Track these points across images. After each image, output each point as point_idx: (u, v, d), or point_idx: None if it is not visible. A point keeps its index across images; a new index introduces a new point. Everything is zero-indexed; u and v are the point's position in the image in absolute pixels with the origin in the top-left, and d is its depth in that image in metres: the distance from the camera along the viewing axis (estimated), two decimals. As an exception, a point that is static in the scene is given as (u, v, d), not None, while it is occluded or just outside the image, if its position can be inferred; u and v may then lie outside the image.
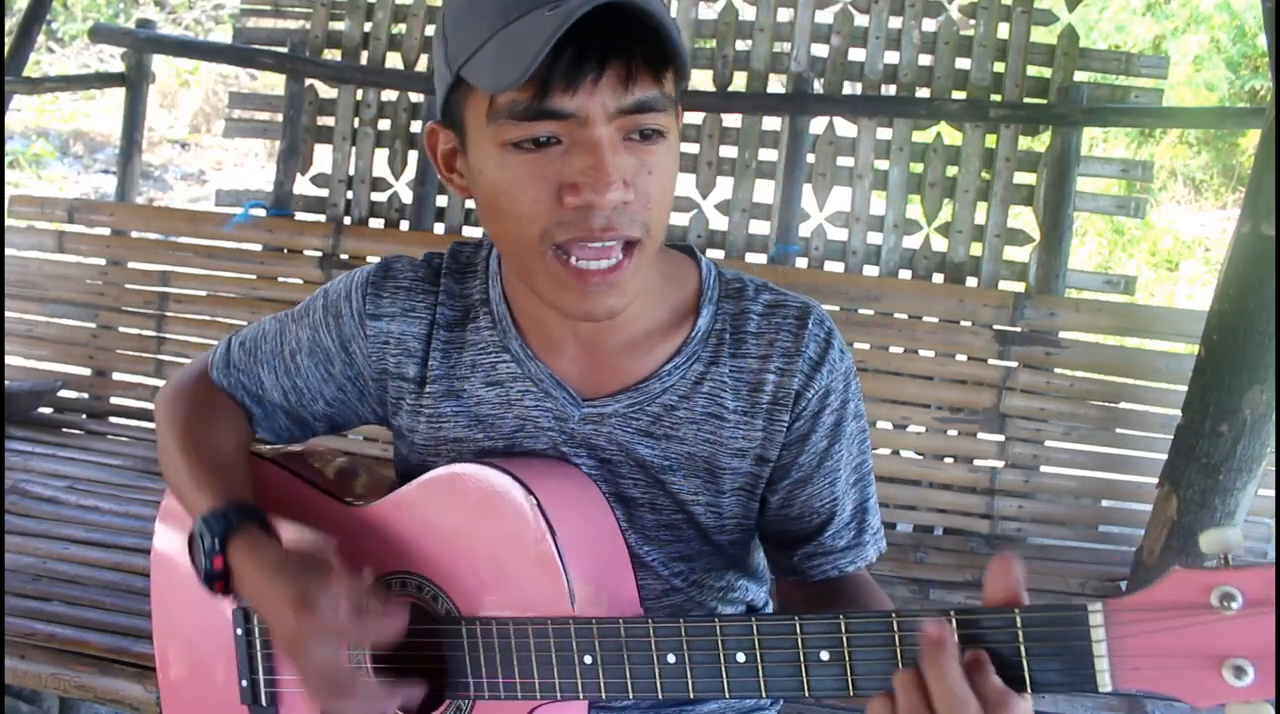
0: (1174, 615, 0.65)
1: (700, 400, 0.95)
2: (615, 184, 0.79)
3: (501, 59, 0.76)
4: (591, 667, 0.85)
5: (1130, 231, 6.26)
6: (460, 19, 0.81)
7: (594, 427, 0.96)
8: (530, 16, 0.76)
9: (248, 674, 1.02)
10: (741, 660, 0.79)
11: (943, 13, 2.69)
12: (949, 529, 2.48)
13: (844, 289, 2.48)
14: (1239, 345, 1.89)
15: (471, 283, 1.00)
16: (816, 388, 0.95)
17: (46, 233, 2.80)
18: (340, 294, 1.01)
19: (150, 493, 2.36)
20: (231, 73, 7.22)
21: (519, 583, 0.88)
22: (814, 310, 0.97)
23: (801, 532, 1.00)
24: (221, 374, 1.06)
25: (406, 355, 0.99)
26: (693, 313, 0.96)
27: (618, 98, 0.78)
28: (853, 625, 0.75)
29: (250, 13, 3.05)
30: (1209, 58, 6.64)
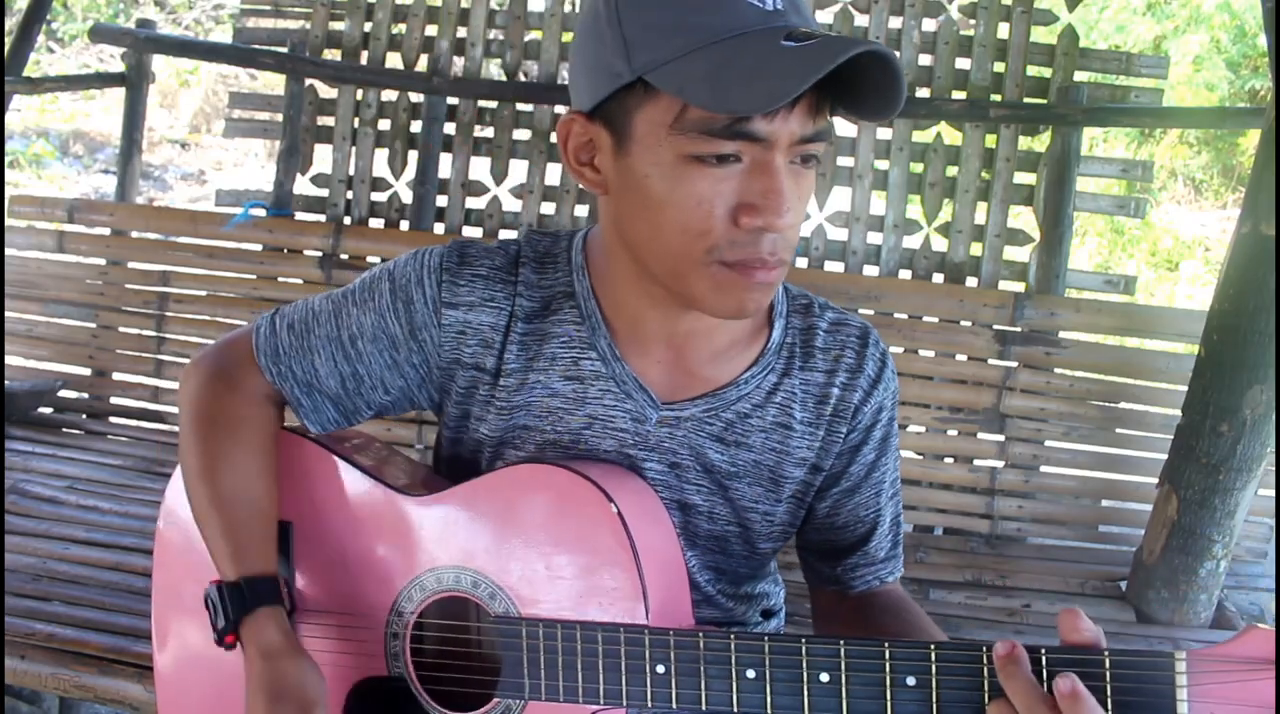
0: (1248, 669, 0.70)
1: (772, 410, 0.98)
2: (790, 209, 0.81)
3: (728, 79, 0.76)
4: (664, 677, 0.85)
5: (1130, 231, 6.27)
6: (646, 20, 0.80)
7: (669, 430, 0.97)
8: (759, 40, 0.77)
9: None
10: (825, 681, 0.80)
11: (943, 13, 2.69)
12: (949, 529, 2.48)
13: (844, 289, 2.48)
14: (1239, 345, 1.89)
15: (552, 274, 0.99)
16: (873, 403, 1.01)
17: (46, 233, 2.80)
18: (410, 278, 0.97)
19: (150, 493, 2.36)
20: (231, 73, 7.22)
21: (592, 587, 0.88)
22: (873, 331, 1.03)
23: (845, 541, 1.04)
24: (269, 362, 1.01)
25: (484, 346, 0.97)
26: (766, 325, 0.99)
27: (804, 126, 0.80)
28: (942, 654, 0.77)
29: (250, 13, 3.05)
30: (1209, 58, 6.64)
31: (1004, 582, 2.24)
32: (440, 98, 2.81)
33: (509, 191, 2.83)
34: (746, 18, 0.78)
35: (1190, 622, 2.06)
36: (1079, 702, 0.71)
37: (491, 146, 2.82)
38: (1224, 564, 2.03)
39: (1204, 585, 2.04)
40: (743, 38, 0.77)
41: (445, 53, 2.82)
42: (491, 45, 2.85)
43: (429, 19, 2.84)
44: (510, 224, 2.81)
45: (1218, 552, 2.00)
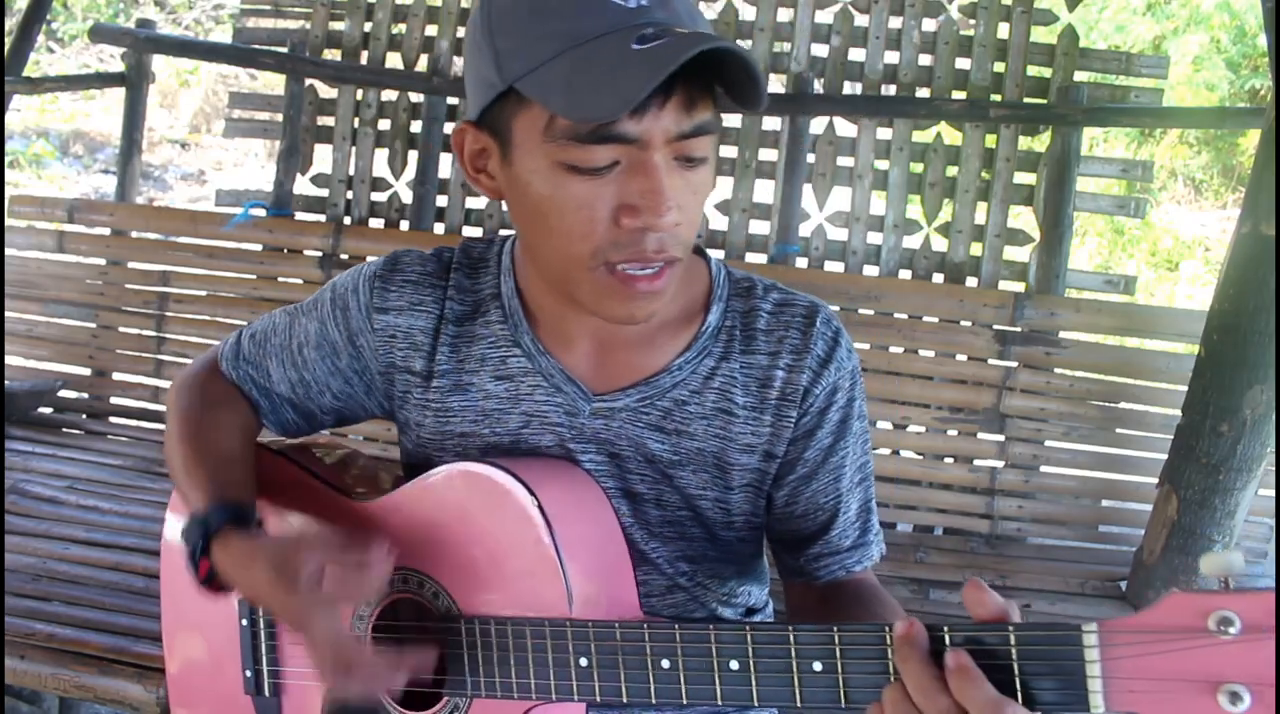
0: (1170, 638, 0.64)
1: (711, 395, 0.96)
2: (672, 208, 0.81)
3: (582, 86, 0.76)
4: (587, 669, 0.85)
5: (1130, 231, 6.26)
6: (513, 28, 0.80)
7: (604, 421, 0.96)
8: (611, 42, 0.76)
9: (251, 665, 1.03)
10: (735, 668, 0.79)
11: (943, 13, 2.69)
12: (949, 529, 2.48)
13: (844, 289, 2.48)
14: (1239, 345, 1.89)
15: (483, 278, 1.00)
16: (824, 385, 0.96)
17: (46, 233, 2.80)
18: (348, 287, 1.01)
19: (150, 493, 2.36)
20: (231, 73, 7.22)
21: (518, 583, 0.89)
22: (821, 310, 0.98)
23: (807, 530, 1.01)
24: (230, 366, 1.07)
25: (413, 349, 0.99)
26: (703, 310, 0.98)
27: (679, 123, 0.79)
28: (846, 636, 0.75)
29: (250, 13, 3.06)
30: (1209, 58, 6.64)
31: (1004, 582, 2.24)
32: (440, 98, 2.81)
33: (509, 191, 2.82)
34: (606, 19, 0.77)
35: (1190, 622, 2.06)
36: (967, 677, 0.68)
37: (491, 146, 2.82)
38: (1224, 564, 2.03)
39: (1204, 586, 2.03)
40: (600, 40, 0.77)
41: (445, 53, 2.82)
42: (491, 45, 2.84)
43: (429, 19, 2.84)
44: (510, 224, 2.81)
45: (1218, 552, 2.00)
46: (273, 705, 1.03)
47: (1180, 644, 0.64)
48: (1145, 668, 0.65)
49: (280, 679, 1.02)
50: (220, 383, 1.07)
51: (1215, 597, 0.64)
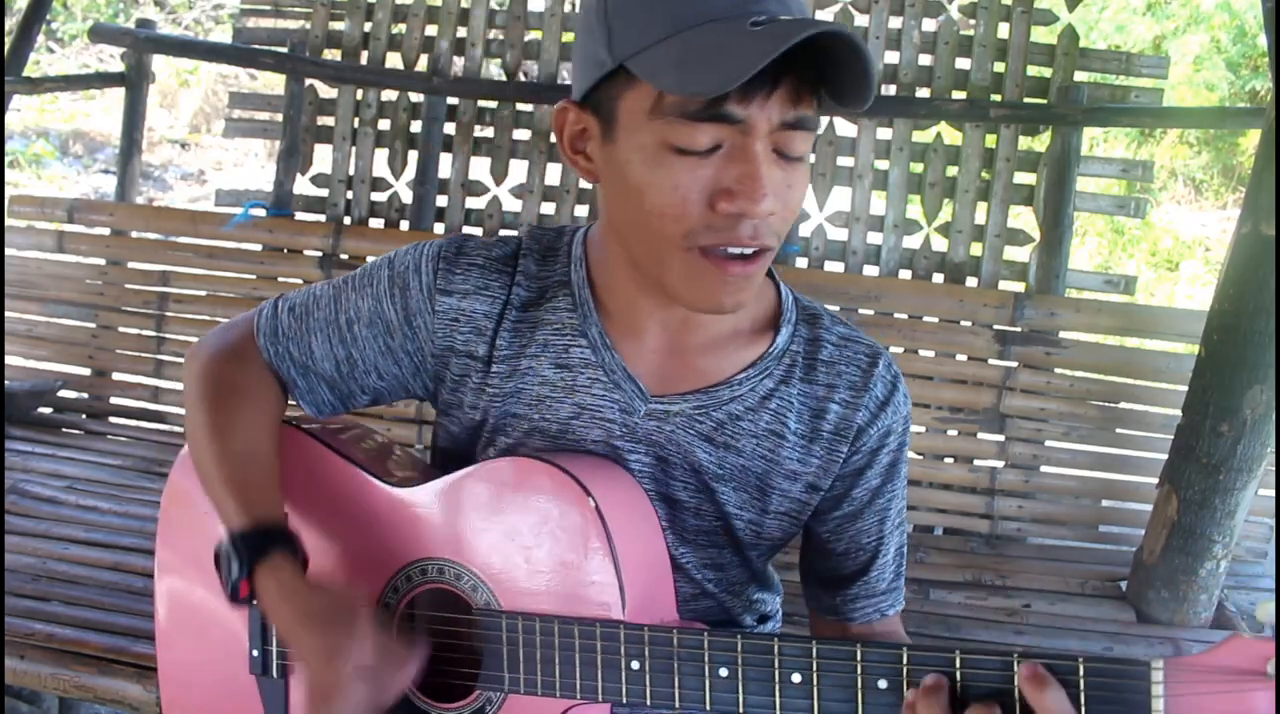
0: (1230, 680, 0.67)
1: (765, 416, 0.96)
2: (769, 195, 0.81)
3: (693, 63, 0.77)
4: (638, 673, 0.85)
5: (1130, 231, 6.27)
6: (630, 9, 0.81)
7: (657, 423, 0.96)
8: (727, 25, 0.77)
9: (260, 644, 1.02)
10: (797, 681, 0.80)
11: (943, 13, 2.69)
12: (949, 529, 2.48)
13: (844, 289, 2.48)
14: (1239, 345, 1.89)
15: (552, 265, 0.99)
16: (879, 426, 0.98)
17: (46, 233, 2.80)
18: (408, 266, 0.98)
19: (150, 493, 2.36)
20: (231, 73, 7.22)
21: (568, 582, 0.88)
22: (883, 354, 1.00)
23: (845, 569, 1.02)
24: (268, 342, 1.03)
25: (476, 334, 0.98)
26: (770, 329, 0.98)
27: (784, 112, 0.80)
28: (914, 657, 0.76)
29: (250, 13, 3.05)
30: (1209, 58, 6.64)
31: (1004, 582, 2.24)
32: (440, 98, 2.81)
33: (509, 191, 2.83)
34: (724, 3, 0.78)
35: (1190, 622, 2.06)
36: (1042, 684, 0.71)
37: (491, 146, 2.82)
38: (1224, 564, 2.03)
39: (1204, 585, 2.03)
40: (715, 23, 0.78)
41: (445, 53, 2.82)
42: (491, 45, 2.85)
43: (429, 19, 2.84)
44: (510, 224, 2.82)
45: (1218, 552, 2.00)
46: (279, 686, 1.01)
47: (1238, 686, 0.67)
48: (1206, 706, 0.68)
49: (289, 660, 1.01)
50: (253, 365, 1.03)
51: (1272, 642, 0.67)
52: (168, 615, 1.10)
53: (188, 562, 1.08)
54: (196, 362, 1.04)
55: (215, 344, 1.05)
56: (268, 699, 1.02)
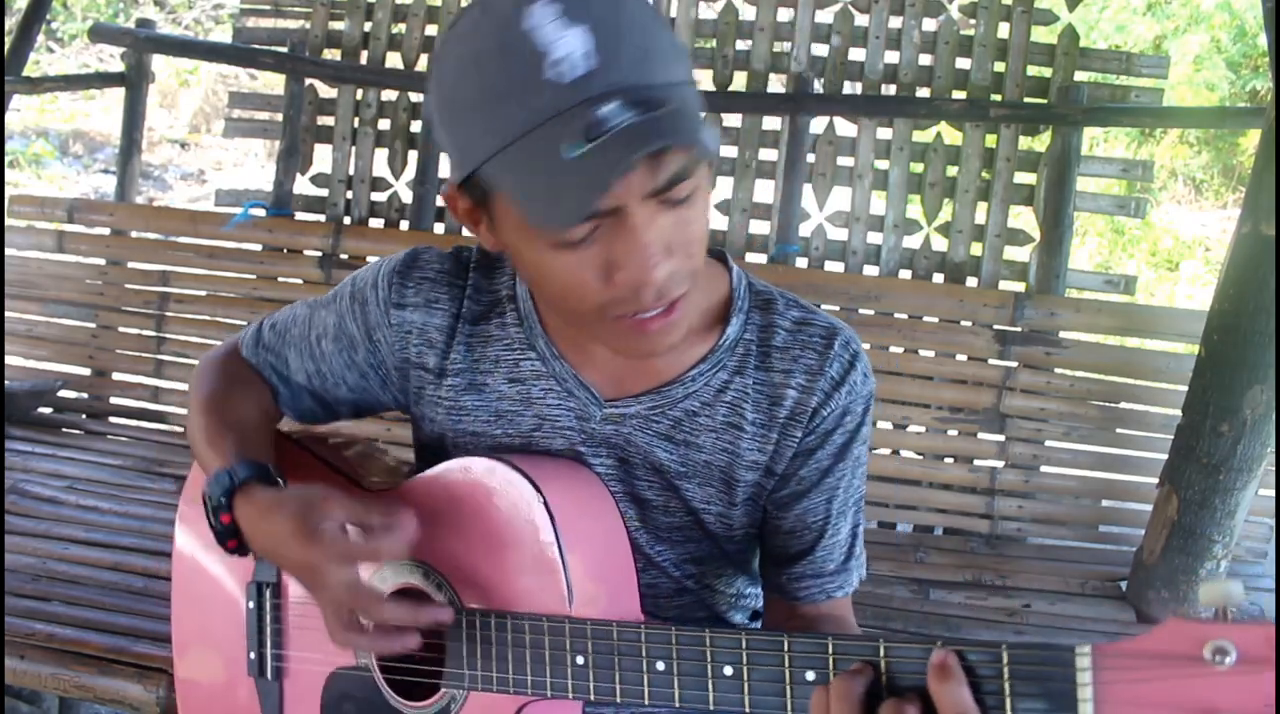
0: (1164, 665, 0.63)
1: (722, 409, 0.96)
2: (660, 261, 0.79)
3: (532, 192, 0.75)
4: (583, 668, 0.85)
5: (1130, 231, 6.26)
6: (461, 118, 0.78)
7: (614, 427, 0.97)
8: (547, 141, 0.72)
9: (255, 647, 1.04)
10: (728, 674, 0.79)
11: (943, 12, 2.69)
12: (949, 529, 2.48)
13: (844, 289, 2.48)
14: (1239, 345, 1.89)
15: (499, 278, 1.00)
16: (834, 406, 0.96)
17: (46, 233, 2.80)
18: (367, 282, 1.01)
19: (150, 493, 2.36)
20: (231, 73, 7.21)
21: (520, 579, 0.89)
22: (841, 332, 0.97)
23: (792, 548, 1.01)
24: (251, 352, 1.08)
25: (428, 346, 0.99)
26: (721, 321, 0.96)
27: (649, 183, 0.76)
28: (839, 647, 0.75)
29: (250, 13, 3.05)
30: (1209, 58, 6.64)
31: (1004, 582, 2.24)
32: (440, 98, 2.81)
33: (509, 191, 2.83)
34: (545, 102, 0.73)
35: (1190, 622, 2.06)
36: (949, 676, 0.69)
37: (491, 146, 2.82)
38: (1224, 564, 2.03)
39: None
40: (541, 132, 0.73)
41: (445, 53, 2.81)
42: (491, 45, 2.84)
43: (429, 19, 2.84)
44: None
45: (1218, 552, 2.00)
46: (274, 688, 1.04)
47: (1175, 672, 0.63)
48: (1138, 694, 0.64)
49: (283, 663, 1.03)
50: (240, 365, 1.08)
51: (1213, 626, 0.63)
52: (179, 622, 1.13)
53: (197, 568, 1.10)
54: (193, 377, 1.09)
55: (208, 358, 1.11)
56: (265, 701, 1.04)
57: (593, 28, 0.73)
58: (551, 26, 0.72)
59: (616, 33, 0.74)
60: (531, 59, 0.72)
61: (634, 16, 0.75)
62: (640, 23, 0.75)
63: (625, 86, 0.73)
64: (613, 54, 0.73)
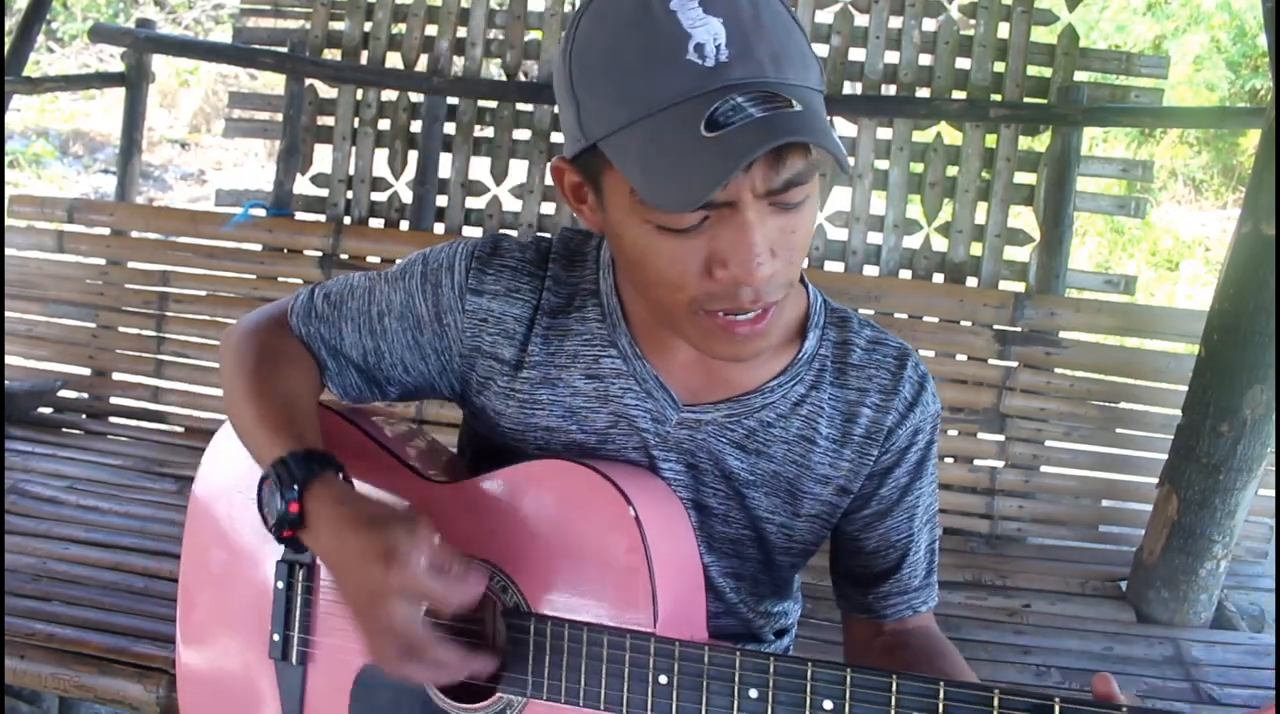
0: None
1: (797, 422, 0.97)
2: (764, 261, 0.78)
3: (655, 170, 0.75)
4: (665, 688, 0.84)
5: (1130, 231, 6.26)
6: (592, 86, 0.78)
7: (689, 432, 0.96)
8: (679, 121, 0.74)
9: (281, 629, 1.00)
10: (828, 709, 0.79)
11: (943, 13, 2.69)
12: (949, 529, 2.48)
13: (844, 289, 2.48)
14: (1239, 345, 1.89)
15: (580, 271, 0.99)
16: (908, 426, 0.98)
17: (46, 233, 2.80)
18: (442, 263, 0.98)
19: (150, 493, 2.36)
20: (231, 73, 7.22)
21: (601, 590, 0.87)
22: (911, 354, 1.01)
23: (878, 568, 1.03)
24: (301, 321, 1.03)
25: (504, 336, 0.97)
26: (799, 335, 0.97)
27: (768, 181, 0.76)
28: (951, 694, 0.75)
29: (250, 13, 3.06)
30: (1209, 58, 6.64)
31: (1004, 582, 2.24)
32: (440, 98, 2.81)
33: (509, 191, 2.83)
34: (681, 81, 0.74)
35: (1190, 622, 2.06)
36: None
37: (491, 146, 2.82)
38: (1224, 564, 2.03)
39: (1204, 585, 2.04)
40: (674, 111, 0.74)
41: (445, 53, 2.82)
42: (491, 45, 2.85)
43: (429, 19, 2.84)
44: (510, 224, 2.82)
45: (1218, 552, 2.00)
46: (297, 673, 1.00)
47: None
48: None
49: (310, 648, 1.00)
50: (286, 337, 1.02)
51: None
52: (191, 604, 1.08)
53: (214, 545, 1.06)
54: (232, 338, 1.03)
55: (250, 322, 1.04)
56: (284, 686, 1.01)
57: (731, 20, 0.75)
58: (694, 13, 0.75)
59: (756, 28, 0.76)
60: (676, 38, 0.74)
61: (771, 17, 0.77)
62: (776, 24, 0.77)
63: (762, 80, 0.75)
64: (750, 48, 0.75)
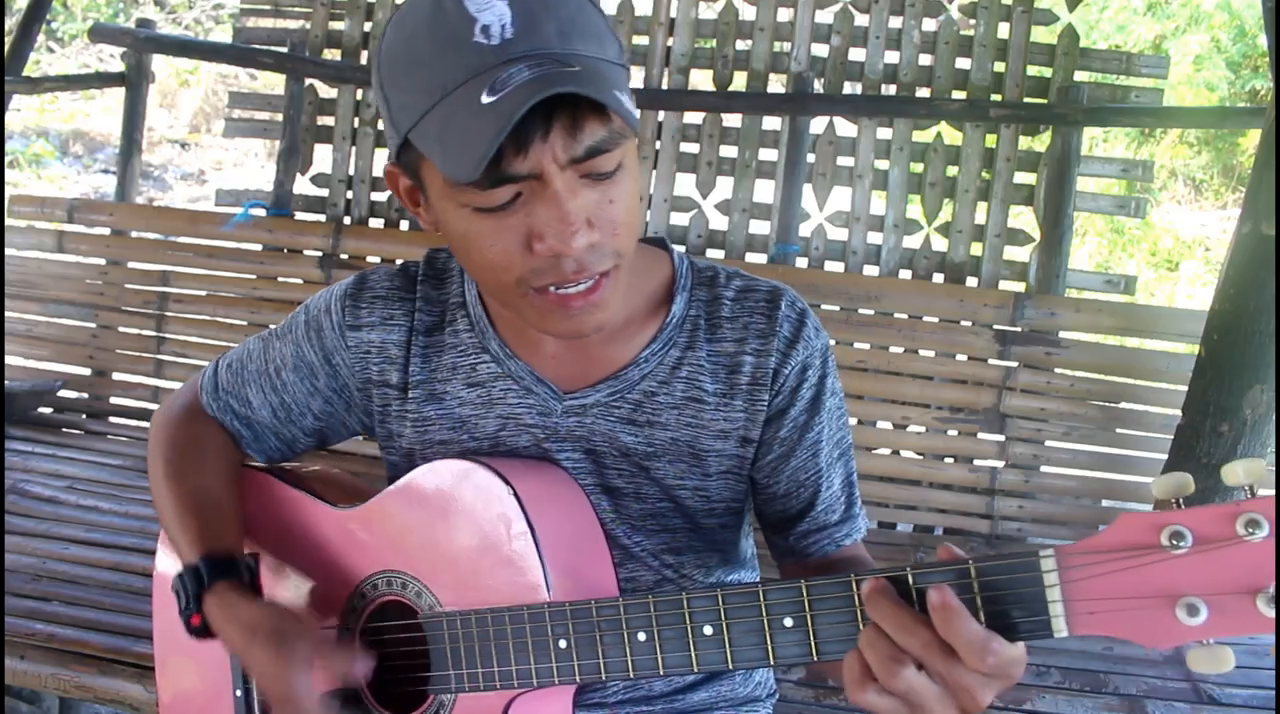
0: (1125, 557, 0.66)
1: (679, 385, 0.97)
2: (579, 230, 0.79)
3: (447, 144, 0.77)
4: (566, 650, 0.85)
5: (1130, 231, 6.27)
6: (399, 81, 0.81)
7: (577, 419, 0.97)
8: (466, 95, 0.75)
9: (241, 684, 1.04)
10: (709, 633, 0.80)
11: (943, 13, 2.69)
12: (949, 529, 2.48)
13: (844, 289, 2.48)
14: (1239, 345, 1.89)
15: (448, 287, 1.02)
16: (793, 364, 0.97)
17: (46, 233, 2.80)
18: (320, 308, 1.03)
19: (150, 493, 2.36)
20: (231, 73, 7.22)
21: (498, 576, 0.89)
22: (785, 292, 0.99)
23: (792, 509, 1.02)
24: (210, 398, 1.08)
25: (388, 362, 1.01)
26: (667, 301, 0.98)
27: (569, 149, 0.77)
28: (813, 590, 0.76)
29: (250, 13, 3.06)
30: (1209, 58, 6.64)
31: (1004, 582, 2.24)
32: (440, 98, 2.81)
33: (509, 191, 2.83)
34: (468, 62, 0.76)
35: (1190, 622, 2.06)
36: (950, 613, 0.68)
37: (491, 146, 2.82)
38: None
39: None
40: (463, 89, 0.76)
41: (445, 53, 2.82)
42: (491, 45, 2.84)
43: (429, 19, 2.84)
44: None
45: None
46: None
47: (1136, 562, 0.65)
48: (1104, 588, 0.66)
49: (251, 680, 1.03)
50: (199, 421, 1.08)
51: (1165, 514, 0.66)
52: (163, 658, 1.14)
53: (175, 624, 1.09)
54: (154, 427, 1.10)
55: (169, 411, 1.11)
56: None
57: (517, 2, 0.77)
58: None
59: (543, 6, 0.78)
60: (463, 23, 0.77)
61: None
62: (566, 1, 0.79)
63: (547, 50, 0.77)
64: (535, 24, 0.77)
